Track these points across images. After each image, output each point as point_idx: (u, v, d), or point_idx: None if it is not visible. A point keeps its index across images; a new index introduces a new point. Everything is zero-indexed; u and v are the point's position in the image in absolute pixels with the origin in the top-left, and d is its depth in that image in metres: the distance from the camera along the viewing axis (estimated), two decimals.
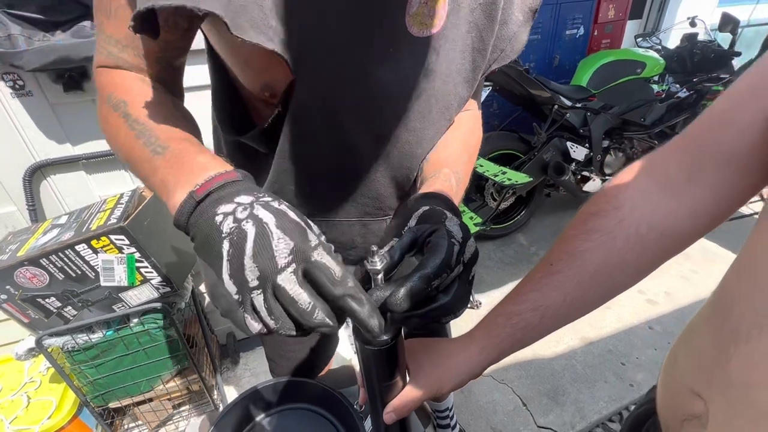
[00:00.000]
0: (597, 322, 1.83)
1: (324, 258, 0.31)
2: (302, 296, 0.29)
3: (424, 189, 0.48)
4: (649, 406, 0.54)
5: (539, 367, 1.62)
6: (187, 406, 1.42)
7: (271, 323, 0.29)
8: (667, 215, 0.39)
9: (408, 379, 0.45)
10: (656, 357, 1.64)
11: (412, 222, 0.39)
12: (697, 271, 2.12)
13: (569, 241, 0.43)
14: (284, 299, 0.29)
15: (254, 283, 0.29)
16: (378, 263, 0.34)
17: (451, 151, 0.55)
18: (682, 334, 0.44)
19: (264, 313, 0.29)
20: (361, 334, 0.39)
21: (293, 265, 0.29)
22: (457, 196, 0.48)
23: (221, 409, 1.43)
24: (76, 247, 0.94)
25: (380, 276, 0.34)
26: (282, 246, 0.29)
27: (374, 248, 0.34)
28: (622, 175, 0.43)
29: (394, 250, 0.36)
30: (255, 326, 0.30)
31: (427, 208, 0.40)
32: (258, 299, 0.29)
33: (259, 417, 0.87)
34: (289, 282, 0.29)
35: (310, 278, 0.30)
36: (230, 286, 0.30)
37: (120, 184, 1.26)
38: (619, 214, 0.40)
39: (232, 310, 0.30)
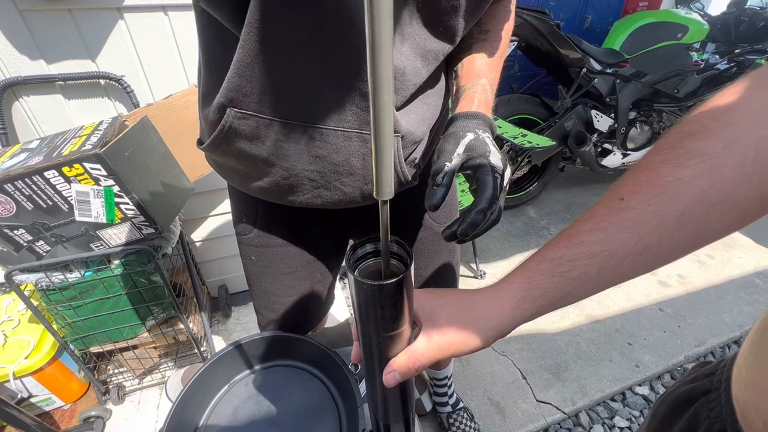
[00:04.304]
0: (605, 301, 1.75)
1: None
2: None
3: (464, 105, 0.50)
4: (692, 387, 0.45)
5: (542, 341, 1.56)
6: (174, 357, 1.37)
7: None
8: None
9: (419, 332, 0.35)
10: (665, 339, 1.57)
11: (460, 149, 0.45)
12: (713, 257, 2.03)
13: (653, 167, 0.31)
14: None
15: None
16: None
17: (485, 57, 0.55)
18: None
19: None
20: (356, 267, 0.33)
21: None
22: (491, 105, 0.52)
23: None
24: (45, 174, 0.83)
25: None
26: None
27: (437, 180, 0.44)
28: (735, 86, 0.31)
29: (449, 173, 0.44)
30: None
31: (472, 137, 0.46)
32: None
33: (246, 371, 0.79)
34: None
35: None
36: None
37: (102, 112, 1.13)
38: (730, 132, 0.28)
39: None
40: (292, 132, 0.48)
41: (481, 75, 0.52)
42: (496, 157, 0.45)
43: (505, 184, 0.46)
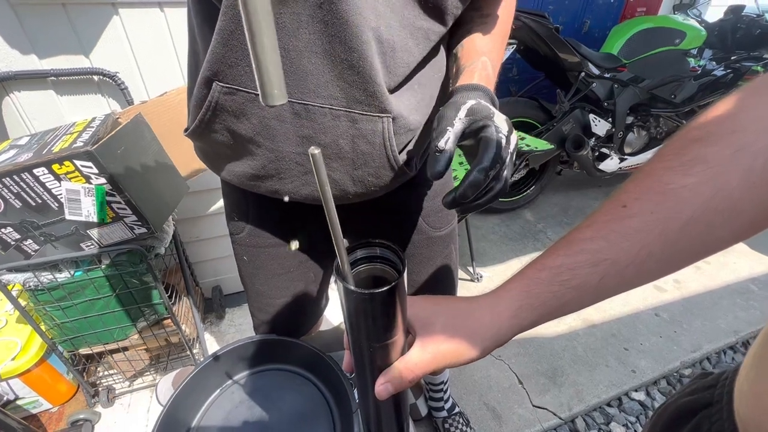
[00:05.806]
0: (602, 305, 1.74)
1: None
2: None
3: (465, 79, 0.47)
4: (693, 399, 0.44)
5: (539, 345, 1.55)
6: (166, 359, 1.34)
7: None
8: None
9: (413, 340, 0.34)
10: (661, 344, 1.57)
11: (462, 113, 0.42)
12: (709, 262, 2.03)
13: (656, 174, 0.30)
14: None
15: None
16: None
17: (486, 37, 0.53)
18: None
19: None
20: (342, 274, 0.29)
21: None
22: (493, 83, 0.50)
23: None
24: (35, 171, 0.81)
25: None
26: None
27: (438, 146, 0.41)
28: (734, 96, 0.30)
29: (452, 137, 0.41)
30: None
31: (474, 102, 0.43)
32: None
33: (238, 376, 0.78)
34: None
35: None
36: None
37: (95, 108, 1.11)
38: (737, 139, 0.27)
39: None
40: (278, 108, 0.47)
41: (482, 53, 0.50)
42: (500, 119, 0.42)
43: (511, 149, 0.42)
